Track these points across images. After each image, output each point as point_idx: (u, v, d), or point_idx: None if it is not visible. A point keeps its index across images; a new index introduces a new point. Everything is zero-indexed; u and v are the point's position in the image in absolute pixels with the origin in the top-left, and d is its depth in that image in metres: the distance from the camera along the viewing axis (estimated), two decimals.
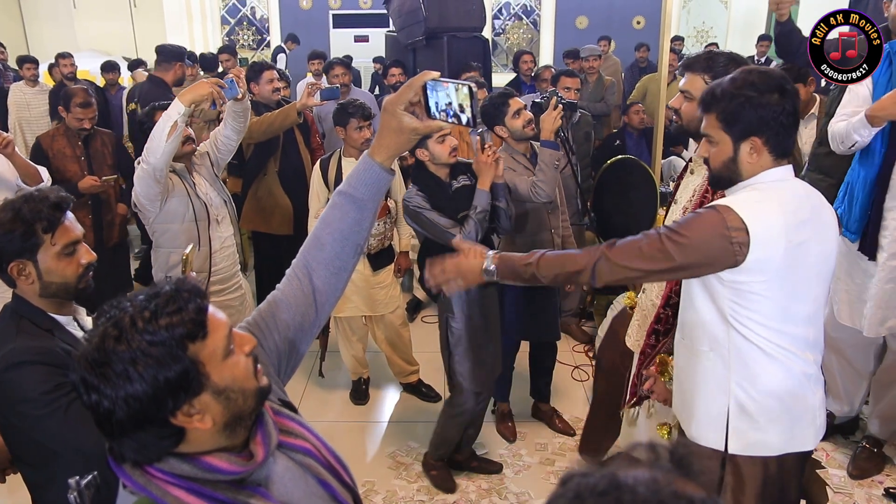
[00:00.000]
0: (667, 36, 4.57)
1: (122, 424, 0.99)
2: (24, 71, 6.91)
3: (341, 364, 4.13)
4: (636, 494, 0.66)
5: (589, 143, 5.04)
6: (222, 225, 3.36)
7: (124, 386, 0.98)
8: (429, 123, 1.31)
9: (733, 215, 1.68)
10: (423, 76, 1.29)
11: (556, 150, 3.16)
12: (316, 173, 3.72)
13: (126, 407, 0.98)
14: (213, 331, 1.04)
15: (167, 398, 1.00)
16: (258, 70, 4.42)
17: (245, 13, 10.48)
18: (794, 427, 1.89)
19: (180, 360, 1.00)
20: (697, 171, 2.27)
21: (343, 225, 1.35)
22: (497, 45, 10.62)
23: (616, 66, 8.32)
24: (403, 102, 1.30)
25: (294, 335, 1.35)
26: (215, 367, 1.04)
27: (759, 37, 8.72)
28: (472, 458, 3.45)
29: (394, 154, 1.35)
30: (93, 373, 0.99)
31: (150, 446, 1.03)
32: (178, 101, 2.91)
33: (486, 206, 2.94)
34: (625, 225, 4.75)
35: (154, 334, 0.99)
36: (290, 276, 1.38)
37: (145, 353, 0.98)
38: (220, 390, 1.05)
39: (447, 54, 5.22)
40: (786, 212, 1.73)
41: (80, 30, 10.61)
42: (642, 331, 2.45)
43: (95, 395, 0.99)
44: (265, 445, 1.12)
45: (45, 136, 3.98)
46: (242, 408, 1.08)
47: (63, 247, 1.74)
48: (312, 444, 1.23)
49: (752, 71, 1.76)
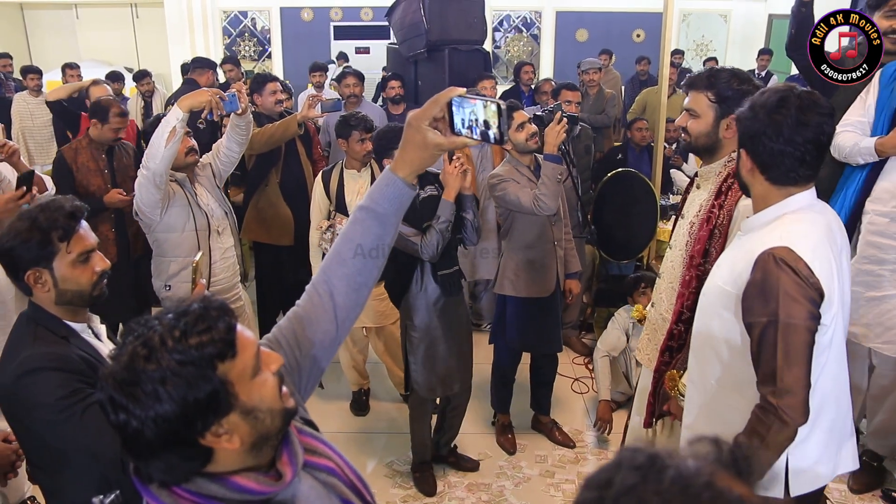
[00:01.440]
0: (667, 49, 4.59)
1: (151, 445, 0.98)
2: (27, 81, 6.92)
3: (342, 375, 4.13)
4: (664, 476, 0.65)
5: (589, 156, 5.06)
6: (223, 236, 3.37)
7: (153, 406, 0.96)
8: (453, 139, 1.29)
9: (802, 264, 1.67)
10: (448, 92, 1.28)
11: (560, 164, 3.17)
12: (318, 185, 3.73)
13: (155, 427, 0.96)
14: (241, 350, 1.03)
15: (196, 419, 0.98)
16: (262, 81, 4.44)
17: (247, 24, 10.52)
18: (842, 449, 1.88)
19: (210, 381, 0.98)
20: (704, 185, 2.28)
21: (365, 240, 1.33)
22: (497, 57, 10.66)
23: (616, 79, 8.35)
24: (428, 118, 1.28)
25: (316, 351, 1.34)
26: (244, 386, 1.02)
27: (759, 51, 8.75)
28: (450, 454, 3.55)
29: (417, 170, 1.32)
30: (121, 392, 0.97)
31: (178, 467, 1.02)
32: (177, 107, 2.95)
33: (450, 217, 2.94)
34: (625, 238, 4.77)
35: (184, 353, 0.97)
36: (310, 293, 1.35)
37: (175, 372, 0.96)
38: (249, 410, 1.03)
39: (448, 67, 5.24)
40: (830, 243, 1.75)
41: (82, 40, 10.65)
42: (652, 344, 2.45)
43: (124, 415, 0.97)
44: (293, 465, 1.10)
45: (67, 149, 3.89)
46: (270, 428, 1.06)
47: (78, 255, 1.77)
48: (336, 464, 1.21)
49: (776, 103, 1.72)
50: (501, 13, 10.70)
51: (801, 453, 1.80)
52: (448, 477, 3.47)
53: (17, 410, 1.73)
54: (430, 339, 3.14)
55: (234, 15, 10.55)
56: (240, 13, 10.54)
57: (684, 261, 2.24)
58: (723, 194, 2.16)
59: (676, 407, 2.18)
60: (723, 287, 1.82)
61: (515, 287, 3.45)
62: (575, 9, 10.57)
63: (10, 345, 1.80)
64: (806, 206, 1.78)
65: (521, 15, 10.76)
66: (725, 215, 2.15)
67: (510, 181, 3.26)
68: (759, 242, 1.73)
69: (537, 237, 3.41)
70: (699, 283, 2.07)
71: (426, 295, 3.11)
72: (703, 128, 2.17)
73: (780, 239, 1.69)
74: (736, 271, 1.78)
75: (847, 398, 1.90)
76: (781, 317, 1.64)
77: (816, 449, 1.83)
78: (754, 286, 1.69)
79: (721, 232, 2.14)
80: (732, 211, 2.14)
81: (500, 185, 3.25)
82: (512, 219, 3.44)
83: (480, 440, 3.75)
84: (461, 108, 1.27)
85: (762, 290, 1.68)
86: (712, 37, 10.82)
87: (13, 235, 1.73)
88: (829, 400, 1.83)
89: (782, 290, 1.65)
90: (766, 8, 10.43)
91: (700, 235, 2.18)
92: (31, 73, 6.92)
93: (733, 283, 1.78)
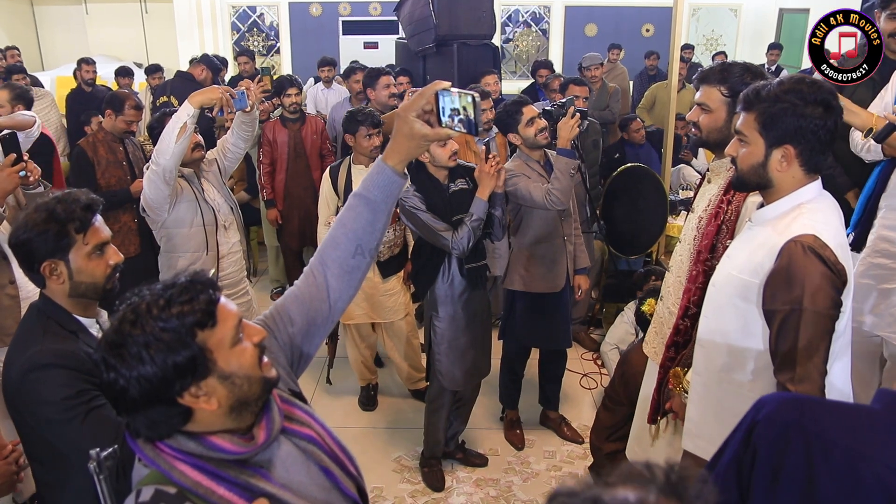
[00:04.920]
0: (677, 44, 4.56)
1: (135, 402, 1.08)
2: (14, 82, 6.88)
3: (350, 371, 4.13)
4: None
5: (597, 151, 5.04)
6: (230, 231, 3.38)
7: (137, 367, 1.07)
8: (438, 131, 1.37)
9: (829, 251, 1.67)
10: (434, 85, 1.35)
11: (574, 159, 3.16)
12: (325, 181, 3.72)
13: (138, 386, 1.07)
14: (222, 320, 1.13)
15: (175, 380, 1.08)
16: (374, 76, 4.52)
17: (255, 19, 10.51)
18: None
19: (189, 346, 1.08)
20: (714, 180, 2.26)
21: (357, 225, 1.42)
22: (506, 52, 10.62)
23: (623, 74, 8.29)
24: (416, 109, 1.36)
25: (309, 328, 1.43)
26: (222, 353, 1.12)
27: (769, 45, 8.68)
28: (457, 450, 3.53)
29: (405, 159, 1.41)
30: (111, 353, 1.08)
31: (160, 423, 1.12)
32: (188, 104, 2.95)
33: (482, 215, 2.97)
34: (634, 233, 4.75)
35: (167, 321, 1.08)
36: (306, 273, 1.45)
37: (157, 337, 1.07)
38: (226, 375, 1.12)
39: (457, 62, 5.22)
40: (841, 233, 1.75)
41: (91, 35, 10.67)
42: (659, 338, 2.44)
43: (113, 374, 1.08)
44: (267, 430, 1.19)
45: (85, 143, 3.93)
46: (248, 393, 1.15)
47: (94, 247, 1.78)
48: (317, 433, 1.29)
49: (803, 80, 1.72)
50: (510, 8, 10.66)
51: None
52: (456, 472, 3.47)
53: (22, 404, 1.73)
54: (454, 330, 3.15)
55: (243, 10, 10.55)
56: (248, 8, 10.54)
57: (692, 255, 2.23)
58: (732, 189, 2.15)
59: (679, 405, 2.17)
60: (738, 276, 1.82)
61: (525, 282, 3.44)
62: (584, 3, 10.51)
63: (19, 337, 1.80)
64: (818, 195, 1.79)
65: (530, 10, 10.71)
66: (734, 211, 2.13)
67: (521, 176, 3.25)
68: (780, 232, 1.73)
69: (547, 233, 3.40)
70: (706, 278, 2.06)
71: (452, 287, 3.13)
72: (715, 122, 2.15)
73: (805, 227, 1.70)
74: (755, 261, 1.77)
75: (849, 383, 1.91)
76: (806, 304, 1.65)
77: None
78: (779, 274, 1.69)
79: (728, 228, 2.13)
80: (741, 206, 2.12)
81: (511, 179, 3.24)
82: (522, 214, 3.42)
83: (489, 436, 3.75)
84: (445, 100, 1.34)
85: (787, 278, 1.68)
86: (722, 31, 10.75)
87: (30, 227, 1.73)
88: (838, 386, 1.84)
89: (808, 278, 1.65)
90: (777, 2, 10.34)
91: (707, 230, 2.16)
92: (15, 74, 6.88)
93: (752, 272, 1.77)
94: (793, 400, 1.32)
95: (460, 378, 3.22)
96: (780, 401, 1.29)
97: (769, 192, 1.82)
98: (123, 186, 3.87)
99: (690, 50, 8.93)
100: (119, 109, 3.81)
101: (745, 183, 1.84)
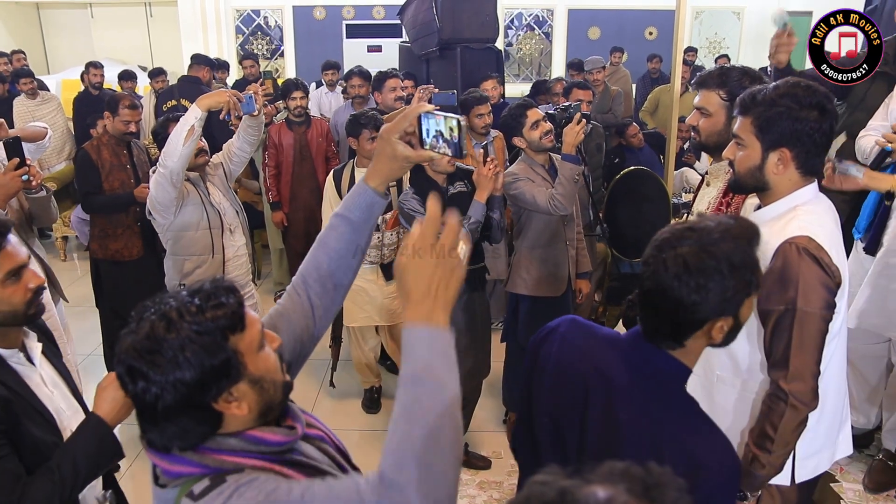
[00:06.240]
0: (680, 47, 4.56)
1: (168, 409, 1.06)
2: (20, 86, 6.89)
3: (353, 373, 4.14)
4: None
5: (601, 155, 5.04)
6: (235, 234, 3.40)
7: (173, 371, 1.05)
8: (420, 153, 1.37)
9: (824, 253, 1.69)
10: (417, 108, 1.36)
11: (578, 164, 3.16)
12: (329, 183, 3.74)
13: (174, 391, 1.05)
14: (249, 325, 1.13)
15: (212, 384, 1.08)
16: (381, 79, 4.53)
17: (259, 23, 10.55)
18: (840, 434, 1.89)
19: (224, 350, 1.08)
20: (714, 183, 2.28)
21: (339, 245, 1.42)
22: (509, 55, 10.64)
23: (626, 77, 8.31)
24: (399, 131, 1.36)
25: (295, 344, 1.41)
26: (251, 357, 1.12)
27: None
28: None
29: (387, 180, 1.41)
30: (142, 360, 1.06)
31: (191, 431, 1.10)
32: (196, 107, 2.97)
33: (480, 218, 2.98)
34: (637, 236, 4.75)
35: (201, 325, 1.07)
36: (289, 292, 1.44)
37: (193, 340, 1.06)
38: (256, 379, 1.13)
39: (460, 65, 5.23)
40: (838, 231, 1.78)
41: (97, 39, 10.72)
42: None
43: (143, 383, 1.06)
44: (299, 422, 1.21)
45: (89, 146, 3.93)
46: (273, 398, 1.16)
47: (7, 273, 1.63)
48: (325, 433, 1.32)
49: (798, 84, 1.75)
50: (513, 11, 10.68)
51: (809, 440, 1.81)
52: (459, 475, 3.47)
53: None
54: (454, 331, 3.14)
55: (247, 13, 10.58)
56: (252, 12, 10.57)
57: None
58: (731, 192, 2.16)
59: None
60: None
61: (528, 286, 3.45)
62: (587, 6, 10.53)
63: None
64: (814, 197, 1.80)
65: (533, 13, 10.73)
66: (733, 213, 2.14)
67: (525, 180, 3.26)
68: (776, 233, 1.74)
69: (551, 236, 3.41)
70: None
71: None
72: (714, 126, 2.17)
73: (800, 229, 1.71)
74: None
75: (845, 384, 1.92)
76: (799, 304, 1.67)
77: (821, 435, 1.85)
78: (773, 274, 1.71)
79: None
80: (740, 208, 2.13)
81: (515, 183, 3.25)
82: (525, 217, 3.43)
83: (492, 438, 3.75)
84: (429, 122, 1.34)
85: (781, 279, 1.70)
86: (725, 34, 10.76)
87: None
88: (833, 386, 1.85)
89: (802, 279, 1.67)
90: (780, 5, 10.35)
91: None
92: (23, 78, 6.92)
93: None
94: (570, 319, 1.61)
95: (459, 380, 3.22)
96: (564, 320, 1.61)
97: (766, 195, 1.83)
98: (127, 190, 3.88)
99: (693, 53, 8.95)
100: (114, 110, 3.82)
101: (742, 185, 1.86)
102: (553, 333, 1.56)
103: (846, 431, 1.96)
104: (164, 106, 6.38)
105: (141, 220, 3.83)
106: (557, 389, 1.49)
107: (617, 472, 0.72)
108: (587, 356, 1.47)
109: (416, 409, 1.04)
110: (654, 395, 1.38)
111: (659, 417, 1.35)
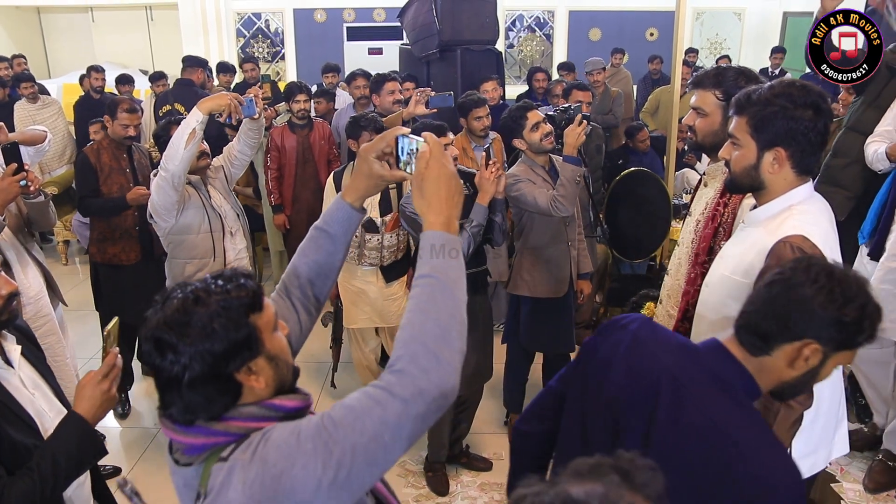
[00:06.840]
0: (680, 48, 4.57)
1: (194, 380, 1.13)
2: (21, 90, 6.90)
3: (354, 374, 4.14)
4: None
5: (600, 156, 5.05)
6: (236, 237, 3.41)
7: (203, 342, 1.12)
8: (394, 173, 1.44)
9: (818, 252, 1.68)
10: (394, 131, 1.43)
11: (579, 166, 3.16)
12: (329, 185, 3.74)
13: (201, 361, 1.12)
14: (266, 306, 1.22)
15: (236, 355, 1.15)
16: (380, 82, 4.52)
17: (260, 26, 10.56)
18: (836, 433, 1.89)
19: (247, 325, 1.16)
20: (711, 183, 2.28)
21: (318, 256, 1.51)
22: (510, 57, 10.65)
23: (627, 78, 8.31)
24: (376, 151, 1.43)
25: None
26: (268, 335, 1.21)
27: (772, 49, 8.68)
28: (461, 454, 3.54)
29: (363, 196, 1.49)
30: (172, 332, 1.13)
31: (214, 401, 1.17)
32: (197, 110, 2.97)
33: (483, 221, 2.97)
34: (638, 237, 4.75)
35: (227, 301, 1.15)
36: (274, 299, 1.51)
37: (220, 314, 1.14)
38: (272, 356, 1.21)
39: (461, 67, 5.24)
40: (833, 231, 1.79)
41: (98, 43, 10.74)
42: None
43: (172, 354, 1.12)
44: (306, 394, 1.28)
45: (89, 150, 3.92)
46: (286, 377, 1.24)
47: None
48: None
49: (793, 83, 1.76)
50: (514, 13, 10.69)
51: (805, 439, 1.81)
52: (461, 476, 3.48)
53: None
54: None
55: (248, 16, 10.60)
56: (253, 15, 10.59)
57: (690, 258, 2.24)
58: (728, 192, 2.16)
59: None
60: (731, 276, 1.84)
61: (530, 287, 3.45)
62: (588, 8, 10.54)
63: None
64: (809, 196, 1.81)
65: (533, 14, 10.74)
66: (730, 213, 2.14)
67: (526, 181, 3.27)
68: (771, 232, 1.74)
69: (552, 238, 3.41)
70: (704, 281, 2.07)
71: None
72: (710, 126, 2.17)
73: (794, 228, 1.72)
74: (746, 261, 1.79)
75: (840, 383, 1.93)
76: None
77: (817, 434, 1.85)
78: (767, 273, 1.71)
79: (725, 230, 2.14)
80: (737, 209, 2.13)
81: (516, 185, 3.25)
82: (526, 219, 3.44)
83: (493, 440, 3.75)
84: (403, 143, 1.40)
85: None
86: (726, 35, 10.76)
87: None
88: (828, 386, 1.85)
89: None
90: (781, 6, 10.35)
91: (705, 233, 2.18)
92: (24, 83, 6.93)
93: (744, 272, 1.79)
94: (643, 318, 1.58)
95: (462, 382, 3.22)
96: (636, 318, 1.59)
97: (762, 194, 1.84)
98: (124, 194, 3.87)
99: (694, 54, 8.94)
100: (113, 114, 3.82)
101: (738, 185, 1.87)
102: (623, 330, 1.54)
103: (842, 431, 1.96)
104: (161, 110, 6.39)
105: (140, 224, 3.82)
106: (625, 386, 1.48)
107: (589, 466, 0.75)
108: (660, 357, 1.46)
109: (430, 305, 1.18)
110: (726, 408, 1.37)
111: (729, 432, 1.33)
